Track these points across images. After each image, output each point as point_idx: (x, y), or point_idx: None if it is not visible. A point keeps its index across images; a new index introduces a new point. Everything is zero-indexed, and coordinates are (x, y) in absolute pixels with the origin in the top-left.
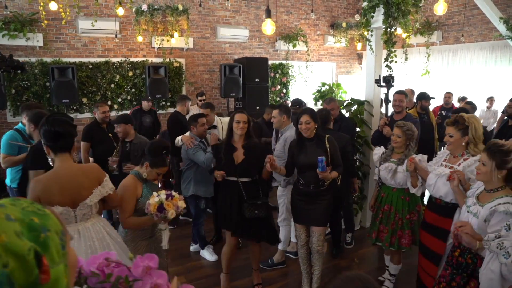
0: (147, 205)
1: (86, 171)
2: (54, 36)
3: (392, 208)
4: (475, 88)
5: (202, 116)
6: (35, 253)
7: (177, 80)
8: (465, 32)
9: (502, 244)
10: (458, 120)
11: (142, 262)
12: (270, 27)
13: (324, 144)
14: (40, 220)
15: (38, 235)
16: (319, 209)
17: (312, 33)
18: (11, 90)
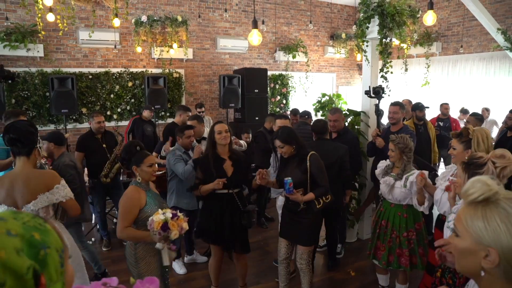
0: (151, 221)
1: (35, 176)
2: (55, 47)
3: (389, 224)
4: (475, 99)
5: (189, 128)
6: (34, 272)
7: (177, 91)
8: (464, 43)
9: None
10: (462, 133)
11: (143, 286)
12: (257, 38)
13: (305, 163)
14: (41, 236)
15: (37, 252)
16: (302, 228)
17: (312, 44)
18: (11, 100)
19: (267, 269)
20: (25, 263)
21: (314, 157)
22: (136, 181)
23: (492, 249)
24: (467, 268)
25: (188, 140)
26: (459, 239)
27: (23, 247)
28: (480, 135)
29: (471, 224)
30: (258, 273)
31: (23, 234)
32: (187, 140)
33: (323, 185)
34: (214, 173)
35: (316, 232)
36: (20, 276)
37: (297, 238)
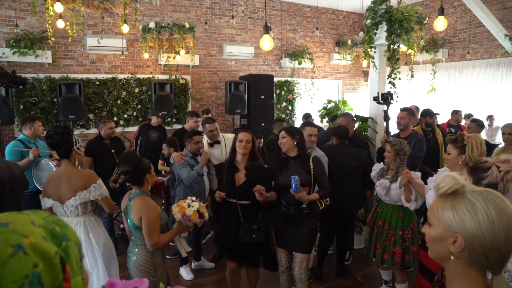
0: (185, 218)
1: (76, 176)
2: (63, 53)
3: (386, 224)
4: (481, 105)
5: (198, 133)
6: (60, 258)
7: (183, 97)
8: (471, 49)
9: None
10: (457, 138)
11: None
12: (268, 43)
13: (308, 164)
14: (61, 229)
15: (60, 242)
16: (301, 234)
17: (317, 50)
18: (19, 106)
19: (275, 276)
20: (53, 248)
21: (316, 159)
22: (142, 192)
23: (459, 235)
24: (438, 254)
25: (196, 145)
26: (432, 228)
27: (47, 236)
28: (474, 141)
29: (442, 214)
30: (266, 280)
31: (45, 225)
32: (196, 145)
33: (326, 187)
34: (224, 179)
35: (314, 239)
36: (50, 259)
37: (297, 246)
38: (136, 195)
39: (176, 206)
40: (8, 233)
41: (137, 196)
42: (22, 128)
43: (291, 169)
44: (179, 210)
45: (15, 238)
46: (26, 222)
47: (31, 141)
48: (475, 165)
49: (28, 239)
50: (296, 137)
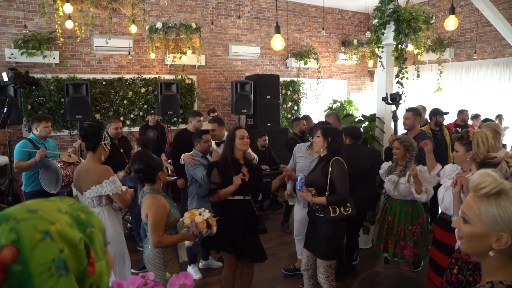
0: (193, 224)
1: (92, 170)
2: (70, 54)
3: (395, 219)
4: (489, 105)
5: (206, 132)
6: (85, 244)
7: (189, 97)
8: (478, 48)
9: None
10: (463, 136)
11: (178, 280)
12: (279, 43)
13: (327, 167)
14: (86, 216)
15: (85, 229)
16: (319, 238)
17: (323, 50)
18: (27, 106)
19: (282, 275)
20: (78, 235)
21: (336, 163)
22: (153, 189)
23: (505, 234)
24: (475, 250)
25: (206, 144)
26: (470, 226)
27: (72, 223)
28: (480, 137)
29: (485, 213)
30: (273, 279)
31: (71, 212)
32: (205, 144)
33: (340, 194)
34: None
35: (336, 246)
36: (75, 245)
37: (314, 249)
38: (147, 192)
39: (188, 213)
40: (37, 219)
41: (147, 193)
42: (32, 128)
43: (315, 170)
44: (190, 216)
45: (43, 225)
46: (53, 209)
47: (40, 141)
48: (484, 160)
49: (55, 225)
50: (328, 139)
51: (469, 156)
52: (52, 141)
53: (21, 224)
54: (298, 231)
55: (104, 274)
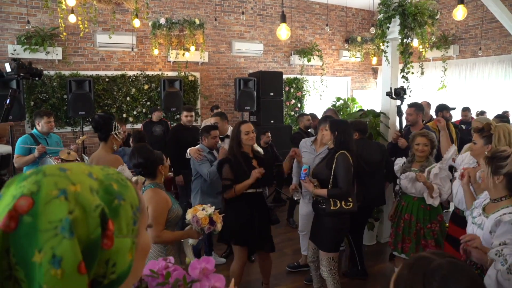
0: (194, 220)
1: (102, 159)
2: (73, 50)
3: (413, 217)
4: (494, 103)
5: (215, 128)
6: (102, 213)
7: (192, 94)
8: (483, 45)
9: (501, 251)
10: (484, 127)
11: (199, 264)
12: (285, 32)
13: (332, 160)
14: (119, 188)
15: (112, 199)
16: (323, 232)
17: (327, 47)
18: (30, 102)
19: (285, 271)
20: (95, 201)
21: (341, 157)
22: (155, 183)
23: None
24: None
25: (214, 140)
26: None
27: (99, 190)
28: (502, 130)
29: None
30: (276, 275)
31: (103, 180)
32: (213, 140)
33: (341, 188)
34: (248, 171)
35: (337, 239)
36: (88, 211)
37: (317, 241)
38: (148, 187)
39: (192, 208)
40: (62, 177)
41: (148, 187)
42: (35, 123)
43: (322, 162)
44: (192, 211)
45: (64, 183)
46: (83, 172)
47: (42, 136)
48: (493, 154)
49: (75, 186)
50: (335, 133)
51: (488, 149)
52: (56, 136)
53: (46, 179)
54: (303, 226)
55: (125, 253)
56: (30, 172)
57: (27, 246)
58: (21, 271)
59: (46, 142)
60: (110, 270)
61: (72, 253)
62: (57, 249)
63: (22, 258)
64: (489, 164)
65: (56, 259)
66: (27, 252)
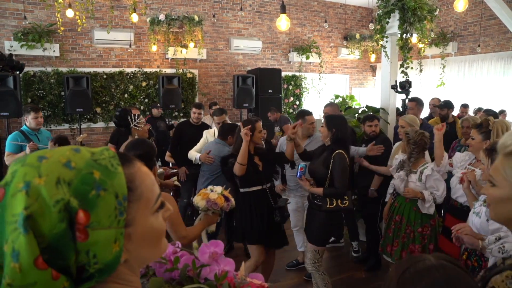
0: (210, 202)
1: None
2: (70, 47)
3: (404, 219)
4: (492, 100)
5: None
6: (66, 207)
7: (190, 91)
8: (482, 42)
9: (504, 248)
10: (482, 123)
11: (208, 249)
12: (285, 23)
13: (329, 158)
14: (103, 176)
15: (88, 190)
16: (314, 225)
17: (325, 45)
18: (27, 99)
19: (285, 268)
20: (57, 196)
21: (338, 156)
22: None
23: None
24: (504, 215)
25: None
26: (497, 189)
27: (73, 181)
28: (500, 126)
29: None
30: (276, 271)
31: (82, 169)
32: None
33: (337, 188)
34: (251, 169)
35: (326, 234)
36: (47, 206)
37: (307, 232)
38: None
39: (198, 195)
40: (33, 168)
41: None
42: (24, 119)
43: (319, 159)
44: (203, 197)
45: (31, 175)
46: (60, 161)
47: (33, 132)
48: (493, 146)
49: (40, 179)
50: (332, 130)
51: (486, 145)
52: (46, 132)
53: (20, 169)
54: (295, 222)
55: (108, 245)
56: (19, 159)
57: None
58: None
59: (37, 139)
60: (92, 260)
61: (27, 248)
62: (15, 243)
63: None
64: (488, 156)
65: (15, 253)
66: (1, 241)
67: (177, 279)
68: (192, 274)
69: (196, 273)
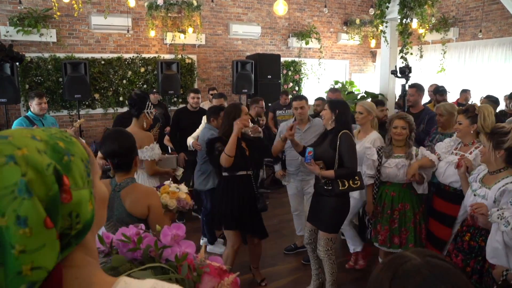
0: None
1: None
2: (67, 32)
3: (408, 206)
4: (494, 86)
5: (223, 109)
6: (55, 170)
7: (189, 77)
8: (484, 28)
9: (503, 214)
10: (469, 108)
11: (170, 231)
12: (282, 7)
13: (335, 140)
14: (66, 145)
15: (61, 157)
16: (325, 212)
17: (325, 30)
18: (25, 85)
19: (283, 252)
20: (46, 160)
21: (345, 136)
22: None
23: None
24: None
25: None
26: None
27: (46, 150)
28: (486, 110)
29: None
30: (274, 256)
31: (48, 140)
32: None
33: (348, 167)
34: (238, 153)
35: (339, 220)
36: (41, 171)
37: (318, 222)
38: (126, 184)
39: (163, 193)
40: (5, 144)
41: (128, 185)
42: (29, 105)
43: (324, 144)
44: (172, 195)
45: (9, 149)
46: (26, 136)
47: (38, 118)
48: (494, 130)
49: (21, 151)
50: (335, 111)
51: (473, 129)
52: (51, 118)
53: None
54: (295, 206)
55: (86, 204)
56: None
57: None
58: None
59: (42, 124)
60: (75, 221)
61: (35, 211)
62: (20, 210)
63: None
64: (490, 139)
65: (22, 220)
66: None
67: (140, 259)
68: (154, 255)
69: (158, 253)
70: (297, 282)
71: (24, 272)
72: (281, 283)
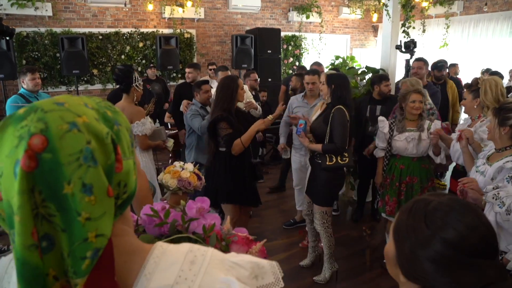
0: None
1: (125, 110)
2: (63, 6)
3: (416, 179)
4: (498, 61)
5: (206, 83)
6: (112, 139)
7: (188, 52)
8: (489, 0)
9: (498, 194)
10: (472, 83)
11: (195, 204)
12: None
13: (329, 114)
14: (113, 114)
15: (111, 125)
16: (317, 185)
17: (326, 4)
18: (21, 61)
19: (282, 227)
20: (104, 129)
21: (338, 112)
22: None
23: None
24: None
25: (206, 95)
26: None
27: (99, 118)
28: (488, 83)
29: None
30: (274, 230)
31: (98, 109)
32: (205, 95)
33: (335, 143)
34: (242, 128)
35: (331, 194)
36: (102, 139)
37: (311, 194)
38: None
39: (166, 173)
40: (64, 111)
41: None
42: (20, 82)
43: (319, 117)
44: (173, 175)
45: (70, 116)
46: (79, 103)
47: (32, 95)
48: (501, 105)
49: (82, 118)
50: (331, 86)
51: (476, 103)
52: (46, 95)
53: (48, 115)
54: (297, 181)
55: (132, 173)
56: (25, 111)
57: (54, 180)
58: (52, 205)
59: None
60: (122, 190)
61: (100, 179)
62: (85, 178)
63: (51, 193)
64: (496, 115)
65: (87, 187)
66: (56, 186)
67: (166, 233)
68: (181, 228)
69: (185, 227)
70: (296, 256)
71: (90, 239)
72: (280, 257)
